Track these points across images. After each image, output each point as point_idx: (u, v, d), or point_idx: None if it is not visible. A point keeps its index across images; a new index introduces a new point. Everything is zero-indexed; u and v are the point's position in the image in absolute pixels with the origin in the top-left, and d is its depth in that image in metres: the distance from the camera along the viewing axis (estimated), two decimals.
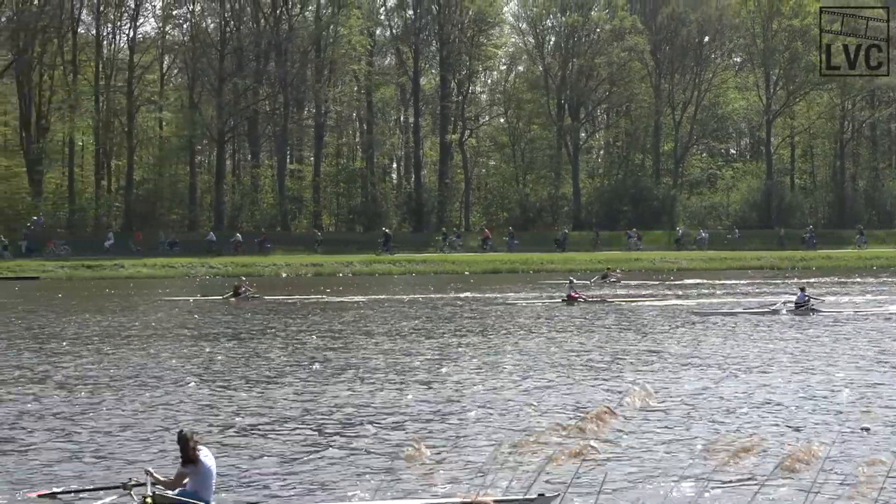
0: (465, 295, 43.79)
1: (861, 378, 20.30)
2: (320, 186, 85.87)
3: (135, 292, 47.50)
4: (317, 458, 14.13)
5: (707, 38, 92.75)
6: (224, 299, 42.31)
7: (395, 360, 23.38)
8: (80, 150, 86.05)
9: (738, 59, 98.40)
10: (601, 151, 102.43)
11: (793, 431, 15.53)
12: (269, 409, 17.62)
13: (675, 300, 41.06)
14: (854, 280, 52.77)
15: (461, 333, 28.85)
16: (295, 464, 13.87)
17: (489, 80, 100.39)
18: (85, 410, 17.51)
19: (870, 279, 53.31)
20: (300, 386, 19.81)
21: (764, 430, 15.26)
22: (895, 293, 43.56)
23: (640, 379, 19.70)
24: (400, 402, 18.09)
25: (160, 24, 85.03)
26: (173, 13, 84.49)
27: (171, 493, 11.22)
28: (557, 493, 11.14)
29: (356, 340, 27.19)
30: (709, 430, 15.49)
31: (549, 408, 17.33)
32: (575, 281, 42.92)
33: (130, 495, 11.36)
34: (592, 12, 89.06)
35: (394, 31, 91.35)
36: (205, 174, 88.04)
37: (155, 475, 11.43)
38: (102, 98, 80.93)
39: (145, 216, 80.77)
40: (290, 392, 19.15)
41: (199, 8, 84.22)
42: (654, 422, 16.03)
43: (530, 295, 43.78)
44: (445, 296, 43.59)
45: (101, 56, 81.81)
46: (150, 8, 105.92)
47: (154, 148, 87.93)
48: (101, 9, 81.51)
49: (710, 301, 40.26)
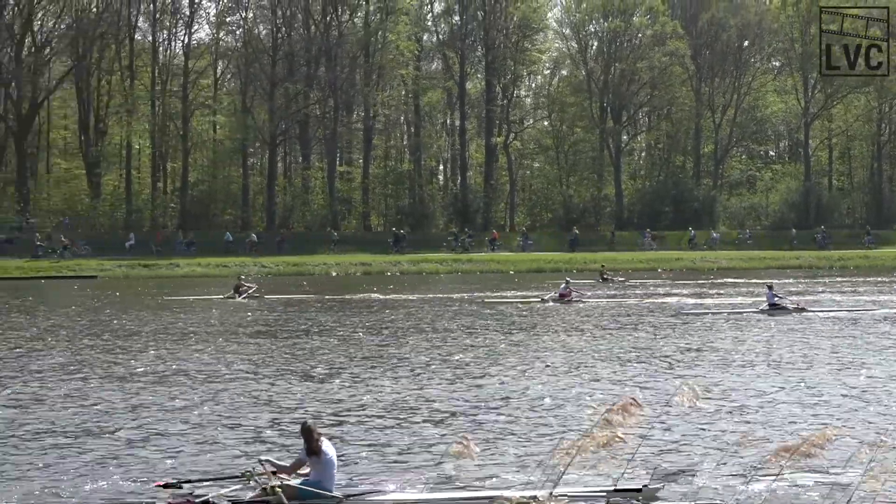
0: (510, 293, 45.14)
1: None
2: (369, 188, 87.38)
3: (191, 290, 47.72)
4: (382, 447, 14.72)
5: (746, 43, 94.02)
6: (224, 299, 43.13)
7: (445, 356, 24.28)
8: (137, 152, 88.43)
9: (777, 63, 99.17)
10: (643, 153, 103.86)
11: (864, 425, 15.83)
12: (345, 401, 18.51)
13: (692, 299, 41.81)
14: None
15: (508, 332, 29.86)
16: (350, 455, 14.10)
17: (533, 84, 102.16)
18: (197, 403, 18.27)
19: None
20: (402, 379, 20.77)
21: (843, 420, 15.88)
22: None
23: (697, 376, 20.34)
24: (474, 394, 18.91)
25: (214, 31, 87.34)
26: (227, 20, 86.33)
27: (295, 483, 11.56)
28: (661, 485, 11.67)
29: (426, 337, 28.22)
30: (786, 425, 15.79)
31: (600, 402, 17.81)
32: (571, 281, 43.87)
33: (253, 485, 11.59)
34: (634, 18, 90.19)
35: (440, 37, 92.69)
36: (257, 176, 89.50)
37: (275, 464, 11.81)
38: (158, 102, 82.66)
39: (199, 217, 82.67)
40: (386, 384, 20.12)
41: (251, 15, 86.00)
42: (725, 415, 16.58)
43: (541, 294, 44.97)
44: (490, 293, 44.89)
45: (156, 62, 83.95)
46: (204, 15, 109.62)
47: (208, 151, 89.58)
48: (158, 16, 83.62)
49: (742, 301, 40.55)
